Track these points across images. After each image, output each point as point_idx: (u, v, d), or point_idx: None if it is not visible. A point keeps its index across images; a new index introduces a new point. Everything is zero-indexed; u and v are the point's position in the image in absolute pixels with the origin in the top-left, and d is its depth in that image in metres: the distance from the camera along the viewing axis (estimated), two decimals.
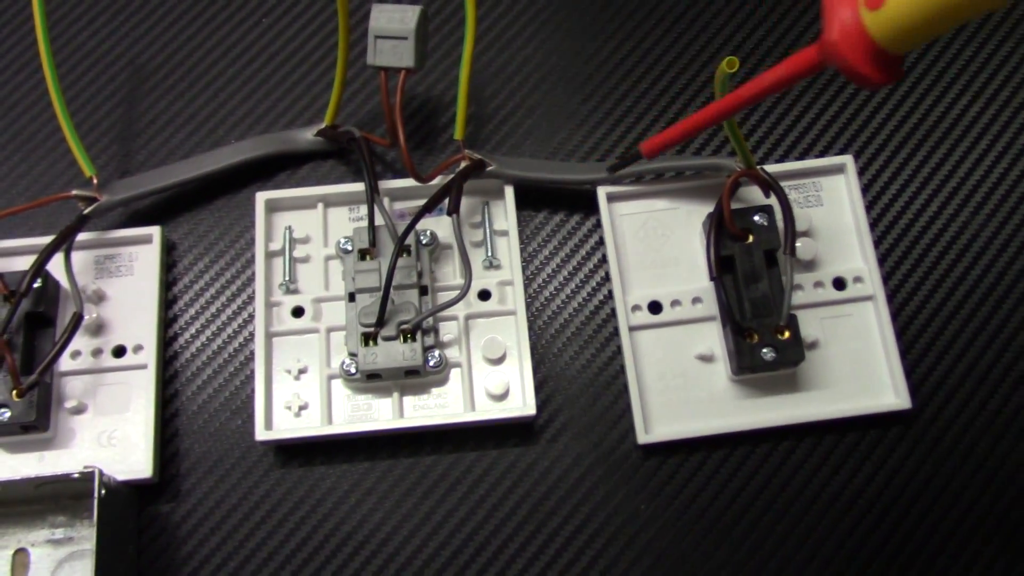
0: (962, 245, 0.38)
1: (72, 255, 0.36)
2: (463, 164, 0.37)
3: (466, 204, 0.38)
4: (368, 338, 0.35)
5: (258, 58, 0.42)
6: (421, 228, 0.37)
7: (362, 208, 0.39)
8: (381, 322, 0.35)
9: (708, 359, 0.36)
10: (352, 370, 0.36)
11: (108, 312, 0.38)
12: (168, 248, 0.39)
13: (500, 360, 0.37)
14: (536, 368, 0.37)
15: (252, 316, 0.38)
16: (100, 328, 0.37)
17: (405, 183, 0.38)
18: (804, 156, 0.40)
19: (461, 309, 0.37)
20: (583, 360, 0.37)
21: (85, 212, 0.37)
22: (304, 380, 0.37)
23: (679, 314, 0.37)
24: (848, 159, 0.38)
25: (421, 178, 0.37)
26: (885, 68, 0.21)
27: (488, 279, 0.37)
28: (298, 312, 0.37)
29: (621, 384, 0.37)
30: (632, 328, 0.37)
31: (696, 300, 0.37)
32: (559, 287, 0.38)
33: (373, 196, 0.37)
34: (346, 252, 0.37)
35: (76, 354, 0.37)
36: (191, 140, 0.41)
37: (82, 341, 0.37)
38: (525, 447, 0.36)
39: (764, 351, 0.35)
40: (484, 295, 0.37)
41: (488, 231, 0.38)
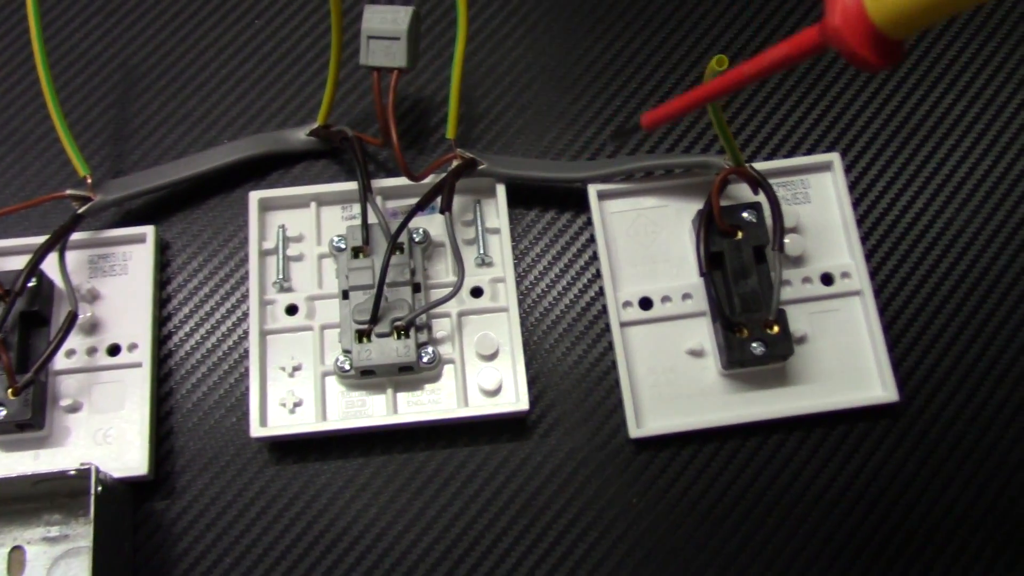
0: (947, 240, 0.39)
1: (66, 254, 0.36)
2: (455, 163, 0.38)
3: (458, 202, 0.38)
4: (362, 335, 0.36)
5: (251, 58, 0.42)
6: (414, 226, 0.38)
7: (355, 207, 0.39)
8: (375, 319, 0.36)
9: (698, 354, 0.37)
10: (346, 367, 0.36)
11: (102, 311, 0.38)
12: (162, 247, 0.39)
13: (493, 356, 0.37)
14: (528, 364, 0.37)
15: (246, 314, 0.38)
16: (94, 327, 0.38)
17: (397, 182, 0.39)
18: (792, 154, 0.40)
19: (454, 306, 0.37)
20: (575, 356, 0.38)
21: (79, 212, 0.37)
22: (298, 377, 0.37)
23: (669, 310, 0.37)
24: (835, 156, 0.39)
25: (414, 177, 0.38)
26: (885, 52, 0.22)
27: (480, 276, 0.38)
28: (292, 310, 0.38)
29: (613, 379, 0.37)
30: (623, 324, 0.37)
31: (686, 296, 0.37)
32: (551, 284, 0.39)
33: (366, 194, 0.37)
34: (339, 250, 0.37)
35: (71, 353, 0.37)
36: (185, 140, 0.41)
37: (77, 340, 0.37)
38: (518, 442, 0.36)
39: (753, 346, 0.35)
40: (476, 292, 0.38)
41: (480, 229, 0.38)
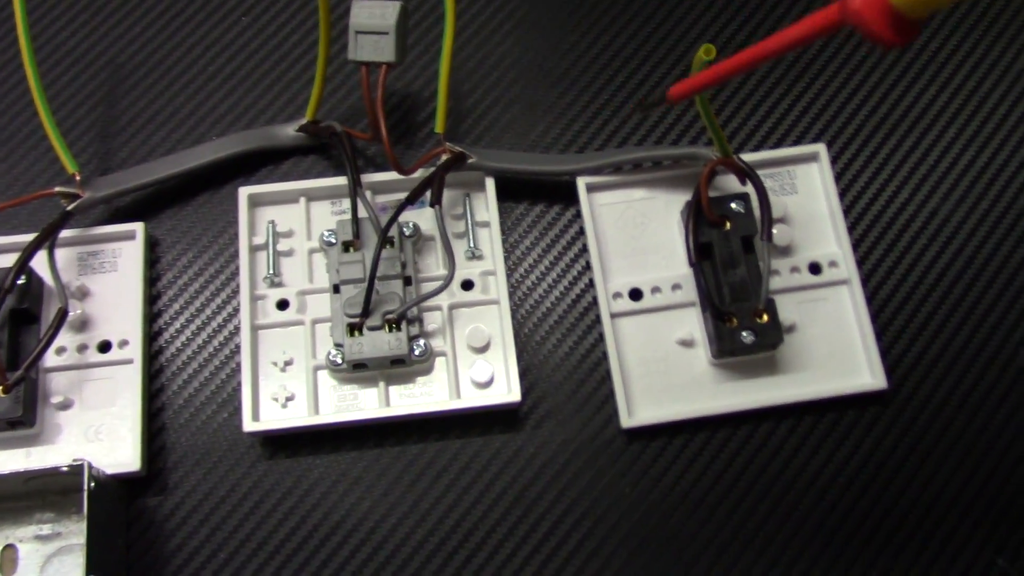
0: (933, 229, 0.39)
1: (56, 252, 0.36)
2: (444, 157, 0.38)
3: (448, 196, 0.39)
4: (353, 329, 0.36)
5: (239, 55, 0.42)
6: (404, 220, 0.38)
7: (344, 202, 0.39)
8: (366, 312, 0.36)
9: (689, 344, 0.37)
10: (338, 360, 0.36)
11: (93, 308, 0.38)
12: (151, 244, 0.39)
13: (484, 349, 0.37)
14: (520, 356, 0.37)
15: (237, 310, 0.38)
16: (85, 324, 0.37)
17: (387, 176, 0.39)
18: (778, 145, 0.41)
19: (445, 299, 0.37)
20: (566, 347, 0.38)
21: (68, 209, 0.37)
22: (290, 372, 0.37)
23: (659, 300, 0.37)
24: (821, 147, 0.39)
25: (403, 170, 0.38)
26: (902, 31, 0.22)
27: (471, 269, 0.38)
28: (283, 305, 0.38)
29: (604, 370, 0.37)
30: (613, 315, 0.37)
31: (676, 287, 0.38)
32: (541, 276, 0.39)
33: (356, 188, 0.37)
34: (330, 245, 0.38)
35: (61, 350, 0.37)
36: (173, 136, 0.41)
37: (67, 337, 0.37)
38: (510, 434, 0.37)
39: (743, 335, 0.35)
40: (467, 285, 0.38)
41: (470, 222, 0.38)
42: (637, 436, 0.36)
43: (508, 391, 0.36)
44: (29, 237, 0.36)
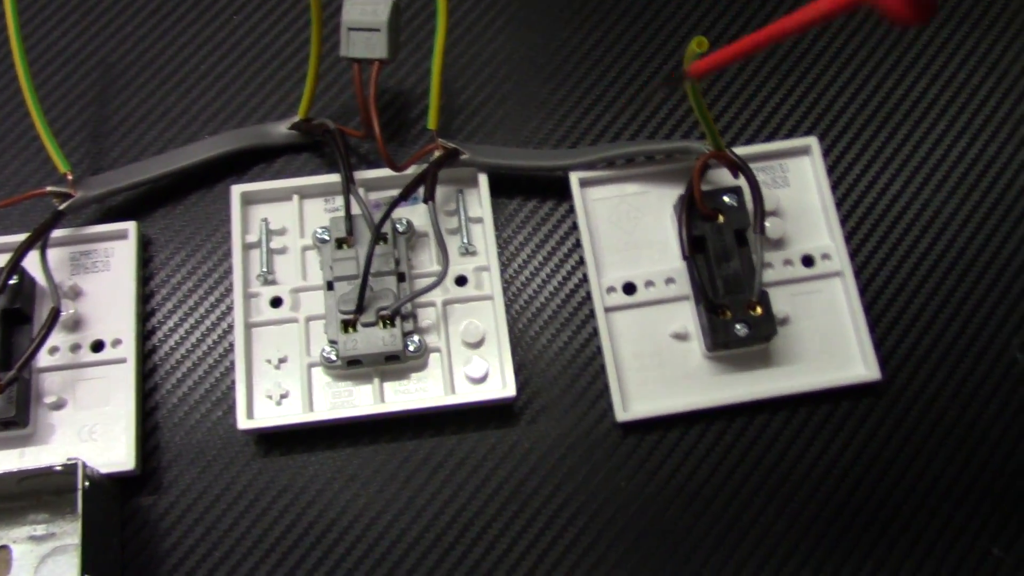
0: (925, 221, 0.39)
1: (48, 251, 0.36)
2: (437, 153, 0.38)
3: (441, 192, 0.39)
4: (347, 325, 0.36)
5: (231, 53, 0.42)
6: (397, 216, 0.38)
7: (337, 199, 0.39)
8: (360, 308, 0.36)
9: (683, 337, 0.37)
10: (333, 357, 0.36)
11: (85, 308, 0.38)
12: (144, 243, 0.39)
13: (479, 344, 0.37)
14: (514, 351, 0.37)
15: (230, 308, 0.38)
16: (78, 324, 0.37)
17: (379, 173, 0.39)
18: (771, 139, 0.41)
19: (439, 295, 0.37)
20: (560, 342, 0.38)
21: (60, 208, 0.37)
22: (284, 369, 0.37)
23: (653, 294, 0.37)
24: (813, 140, 0.39)
25: (396, 167, 0.38)
26: (920, 8, 0.22)
27: (464, 265, 0.38)
28: (276, 302, 0.37)
29: (598, 365, 0.37)
30: (607, 309, 0.37)
31: (669, 280, 0.38)
32: (535, 271, 0.39)
33: (349, 185, 0.37)
34: (323, 241, 0.37)
35: (54, 350, 0.37)
36: (165, 135, 0.41)
37: (60, 337, 0.37)
38: (505, 429, 0.36)
39: (737, 327, 0.35)
40: (461, 281, 0.38)
41: (463, 218, 0.38)
42: (632, 430, 0.36)
43: (503, 386, 0.36)
44: (21, 237, 0.36)
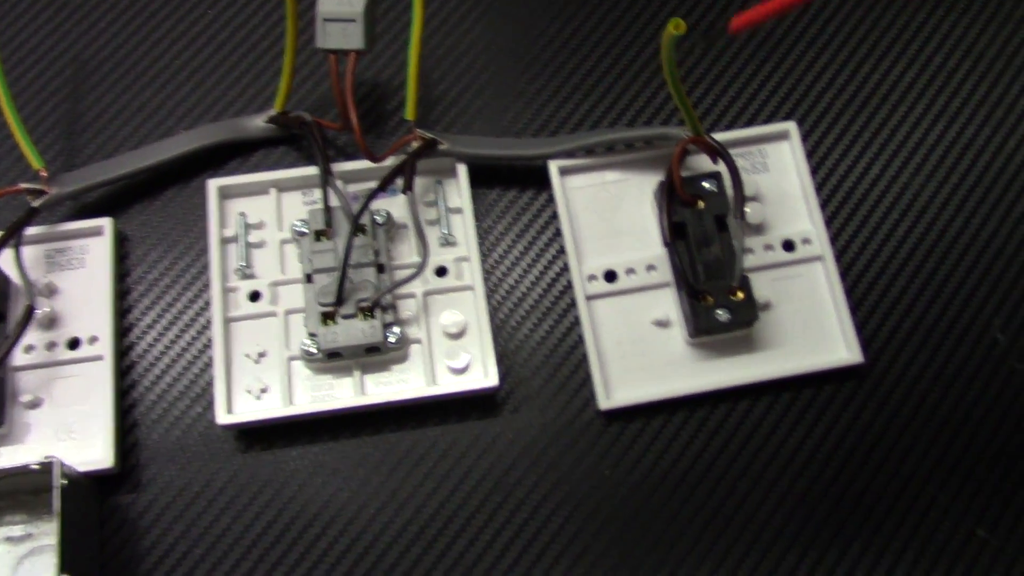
0: (905, 203, 0.39)
1: (22, 249, 0.36)
2: (415, 144, 0.38)
3: (420, 183, 0.38)
4: (327, 317, 0.36)
5: (206, 47, 0.42)
6: (376, 208, 0.37)
7: (315, 192, 0.39)
8: (340, 300, 0.35)
9: (664, 324, 0.37)
10: (312, 350, 0.35)
11: (61, 305, 0.37)
12: (120, 239, 0.39)
13: (460, 335, 0.37)
14: (496, 341, 0.37)
15: (209, 303, 0.38)
16: (53, 322, 0.37)
17: (357, 165, 0.38)
18: (750, 124, 0.41)
19: (419, 286, 0.37)
20: (542, 331, 0.38)
21: (35, 205, 0.37)
22: (264, 363, 0.36)
23: (634, 282, 0.37)
24: (791, 125, 0.39)
25: (375, 158, 0.37)
26: None
27: (445, 256, 0.38)
28: (255, 296, 0.37)
29: (580, 354, 0.37)
30: (589, 297, 0.37)
31: (650, 267, 0.38)
32: (515, 261, 0.39)
33: (327, 177, 0.37)
34: (302, 234, 0.37)
35: (30, 348, 0.36)
36: (141, 131, 0.41)
37: (35, 335, 0.36)
38: (488, 420, 0.36)
39: (719, 312, 0.35)
40: (441, 272, 0.38)
41: (443, 209, 0.38)
42: (615, 418, 0.36)
43: (485, 376, 0.36)
44: None
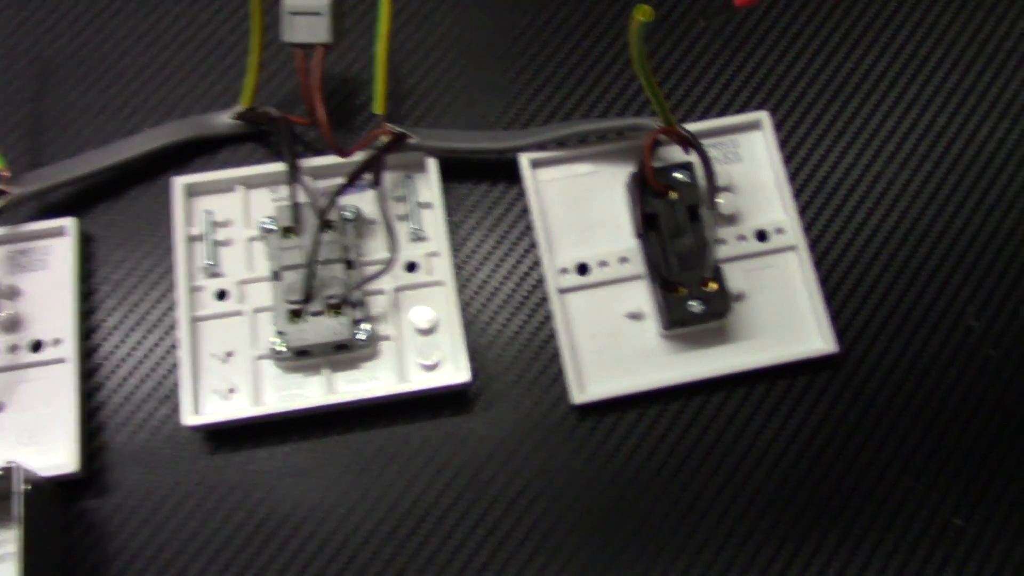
0: (878, 192, 0.39)
1: None
2: (384, 138, 0.37)
3: (390, 178, 0.38)
4: (295, 315, 0.35)
5: (171, 43, 0.41)
6: (345, 203, 0.37)
7: (283, 189, 0.38)
8: (308, 297, 0.35)
9: (638, 317, 0.37)
10: (281, 348, 0.35)
11: (24, 307, 0.36)
12: (85, 239, 0.38)
13: (431, 331, 0.36)
14: (467, 337, 0.36)
15: (175, 303, 0.37)
16: (15, 324, 0.36)
17: (326, 160, 0.38)
18: (722, 114, 0.40)
19: (389, 282, 0.36)
20: (514, 326, 0.37)
21: None
22: (232, 363, 0.36)
23: (607, 274, 0.37)
24: (764, 115, 0.39)
25: (343, 153, 0.37)
26: None
27: (415, 251, 0.37)
28: (222, 295, 0.36)
29: (553, 348, 0.36)
30: (561, 291, 0.37)
31: (623, 260, 0.37)
32: (487, 255, 0.38)
33: (294, 172, 0.36)
34: (269, 231, 0.37)
35: None
36: (105, 129, 0.40)
37: None
38: (461, 416, 0.36)
39: (691, 304, 0.35)
40: (411, 267, 0.37)
41: (413, 203, 0.38)
42: (589, 412, 0.36)
43: (457, 372, 0.35)
44: None
